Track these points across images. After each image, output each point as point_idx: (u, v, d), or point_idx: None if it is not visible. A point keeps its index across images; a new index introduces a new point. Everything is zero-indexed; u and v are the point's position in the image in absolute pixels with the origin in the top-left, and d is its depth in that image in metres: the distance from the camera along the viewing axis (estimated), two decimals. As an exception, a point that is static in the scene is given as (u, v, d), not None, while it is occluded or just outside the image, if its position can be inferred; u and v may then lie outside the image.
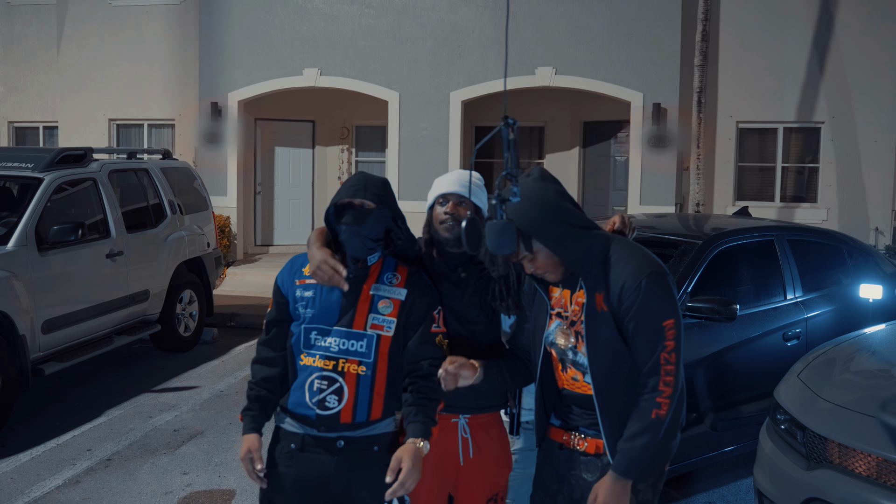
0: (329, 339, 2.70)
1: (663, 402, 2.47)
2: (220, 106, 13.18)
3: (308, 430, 2.71)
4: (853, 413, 3.48)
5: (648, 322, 2.49)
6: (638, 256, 2.56)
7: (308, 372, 2.71)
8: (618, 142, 13.79)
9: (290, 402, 2.74)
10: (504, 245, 2.56)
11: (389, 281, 2.77)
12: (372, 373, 2.70)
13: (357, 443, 2.70)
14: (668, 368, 2.47)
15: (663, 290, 2.50)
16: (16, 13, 15.35)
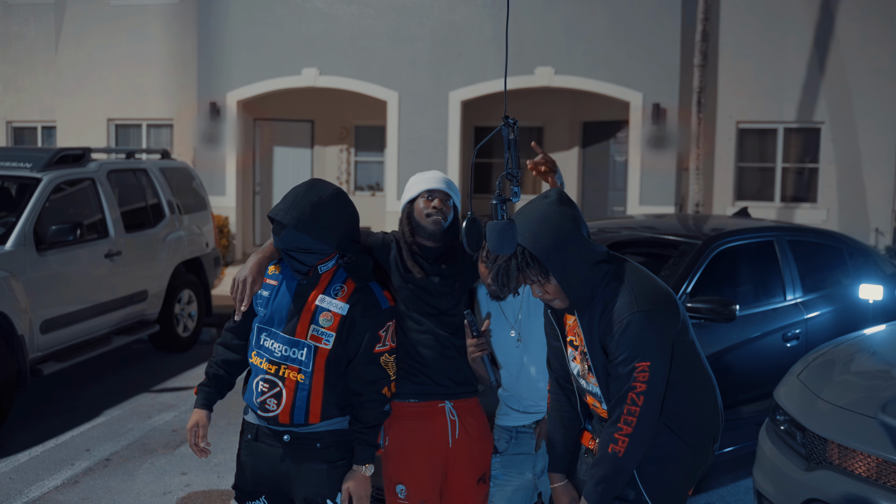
0: (275, 343, 2.80)
1: (621, 438, 2.48)
2: (219, 106, 13.17)
3: (261, 423, 2.86)
4: (853, 414, 3.47)
5: (623, 359, 2.49)
6: (634, 291, 2.52)
7: (255, 372, 2.85)
8: (617, 142, 13.79)
9: (245, 396, 2.89)
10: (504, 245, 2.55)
11: (335, 293, 2.80)
12: (309, 382, 2.77)
13: (301, 438, 2.81)
14: (632, 409, 2.46)
15: (645, 331, 2.46)
16: (14, 12, 15.34)
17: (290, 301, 2.80)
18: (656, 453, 2.56)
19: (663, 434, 2.57)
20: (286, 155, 14.77)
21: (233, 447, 5.59)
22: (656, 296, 2.54)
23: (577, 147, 14.13)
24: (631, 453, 2.49)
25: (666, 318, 2.52)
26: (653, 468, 2.58)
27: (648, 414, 2.48)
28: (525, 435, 3.27)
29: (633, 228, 5.79)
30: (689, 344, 2.62)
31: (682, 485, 2.66)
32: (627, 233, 5.57)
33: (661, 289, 2.58)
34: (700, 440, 2.63)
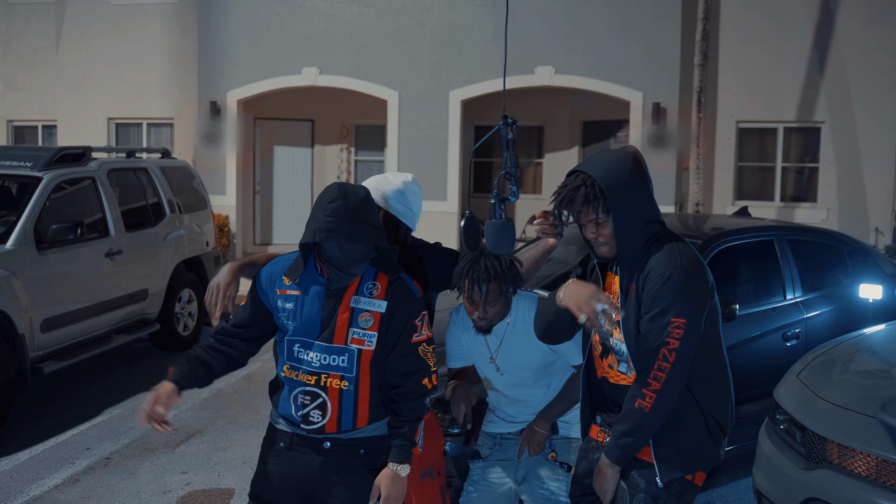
0: (311, 353, 2.66)
1: (648, 394, 2.48)
2: (220, 105, 13.17)
3: (296, 430, 2.73)
4: (852, 413, 3.47)
5: (659, 311, 2.49)
6: (677, 251, 2.54)
7: (292, 385, 2.71)
8: (617, 141, 13.79)
9: (279, 408, 2.76)
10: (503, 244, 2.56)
11: (370, 292, 2.68)
12: (355, 387, 2.67)
13: (343, 445, 2.70)
14: (663, 365, 2.47)
15: (686, 288, 2.48)
16: (14, 11, 15.34)
17: (321, 308, 2.66)
18: (672, 418, 2.56)
19: (684, 399, 2.56)
20: (286, 154, 14.77)
21: (233, 446, 5.61)
22: (698, 262, 2.58)
23: (577, 146, 14.12)
24: (657, 410, 2.49)
25: (704, 286, 2.54)
26: (667, 433, 2.57)
27: (678, 373, 2.48)
28: (509, 442, 3.31)
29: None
30: (714, 330, 2.64)
31: (692, 460, 2.61)
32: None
33: (702, 263, 2.62)
34: (715, 422, 2.63)
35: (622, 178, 2.52)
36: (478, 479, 3.31)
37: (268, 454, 2.79)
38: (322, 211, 2.54)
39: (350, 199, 2.55)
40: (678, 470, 2.59)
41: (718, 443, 2.64)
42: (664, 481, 2.58)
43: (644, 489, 2.61)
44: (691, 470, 2.60)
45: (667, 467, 2.57)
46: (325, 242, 2.55)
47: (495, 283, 2.93)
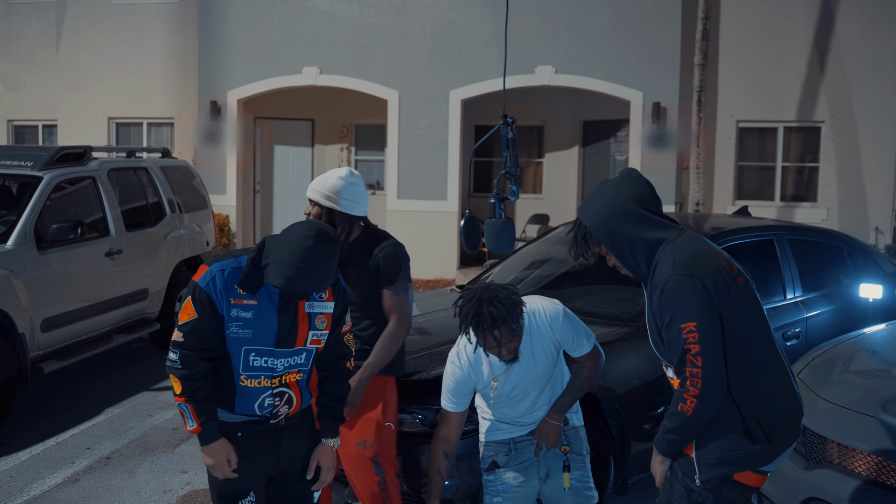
0: (272, 360, 2.80)
1: (689, 398, 2.56)
2: (220, 104, 13.17)
3: (252, 418, 2.85)
4: (853, 413, 3.47)
5: (667, 322, 2.57)
6: (675, 258, 2.60)
7: (254, 393, 2.81)
8: (617, 141, 13.78)
9: (236, 408, 2.83)
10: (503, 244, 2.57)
11: (319, 297, 2.86)
12: (308, 375, 2.95)
13: (295, 418, 2.93)
14: (693, 370, 2.53)
15: (682, 294, 2.54)
16: (15, 11, 15.34)
17: (277, 318, 2.76)
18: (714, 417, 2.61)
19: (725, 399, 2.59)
20: (286, 154, 14.77)
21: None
22: (698, 263, 2.60)
23: (577, 146, 14.12)
24: (699, 412, 2.55)
25: (706, 283, 2.56)
26: (708, 431, 2.63)
27: (712, 373, 2.52)
28: (523, 444, 3.37)
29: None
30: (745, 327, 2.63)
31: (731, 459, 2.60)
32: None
33: (708, 259, 2.63)
34: (756, 422, 2.60)
35: (604, 214, 2.67)
36: (502, 487, 3.34)
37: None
38: (295, 260, 2.57)
39: (324, 251, 2.61)
40: (716, 468, 2.62)
41: (761, 443, 2.60)
42: (701, 479, 2.63)
43: (680, 480, 2.68)
44: (730, 469, 2.62)
45: (705, 465, 2.63)
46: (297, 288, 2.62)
47: (506, 326, 2.98)
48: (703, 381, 2.52)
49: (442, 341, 4.28)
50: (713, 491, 2.62)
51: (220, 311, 2.72)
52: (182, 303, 2.77)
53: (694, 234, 2.75)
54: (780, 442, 2.64)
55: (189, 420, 2.75)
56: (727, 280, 2.61)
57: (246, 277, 2.72)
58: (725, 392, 2.57)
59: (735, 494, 2.64)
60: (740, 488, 2.64)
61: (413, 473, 3.84)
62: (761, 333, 2.66)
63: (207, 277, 2.73)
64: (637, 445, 4.29)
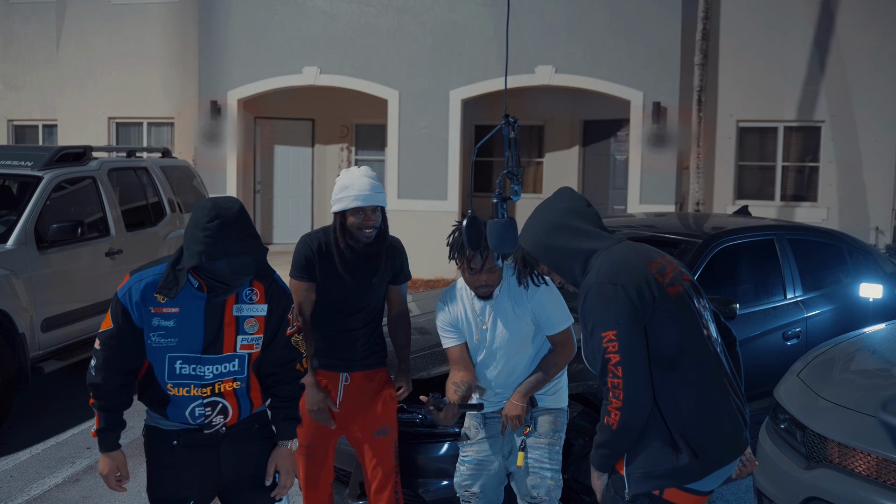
0: (200, 367, 2.69)
1: (613, 411, 2.47)
2: (220, 104, 13.17)
3: (188, 426, 2.76)
4: (853, 412, 3.47)
5: (589, 332, 2.52)
6: (600, 266, 2.55)
7: (183, 402, 2.71)
8: (618, 140, 13.79)
9: (169, 416, 2.74)
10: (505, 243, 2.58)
11: (249, 298, 2.75)
12: (247, 384, 2.80)
13: (239, 426, 2.81)
14: (615, 381, 2.45)
15: (603, 301, 2.47)
16: (15, 11, 15.34)
17: (202, 322, 2.68)
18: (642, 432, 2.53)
19: (652, 413, 2.51)
20: (287, 153, 14.77)
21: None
22: (624, 271, 2.51)
23: (577, 146, 14.12)
24: (623, 425, 2.47)
25: (629, 291, 2.47)
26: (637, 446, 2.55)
27: (633, 384, 2.44)
28: (493, 420, 3.52)
29: (634, 227, 5.79)
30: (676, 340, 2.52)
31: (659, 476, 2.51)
32: (628, 231, 5.57)
33: (635, 268, 2.54)
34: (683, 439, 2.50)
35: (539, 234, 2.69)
36: (469, 458, 3.50)
37: (160, 455, 2.79)
38: (202, 232, 2.52)
39: (228, 214, 2.56)
40: (643, 483, 2.52)
41: (688, 459, 2.48)
42: (630, 494, 2.55)
43: (612, 499, 2.61)
44: (656, 484, 2.51)
45: (633, 479, 2.54)
46: (215, 263, 2.55)
47: (490, 253, 3.22)
48: (624, 393, 2.43)
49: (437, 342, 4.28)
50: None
51: (136, 324, 2.67)
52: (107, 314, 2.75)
53: (630, 243, 2.68)
54: (712, 459, 2.51)
55: (95, 423, 2.78)
56: (654, 290, 2.49)
57: (165, 282, 2.64)
58: (650, 403, 2.47)
59: None
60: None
61: (413, 473, 3.84)
62: (692, 346, 2.53)
63: (125, 289, 2.68)
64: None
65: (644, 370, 2.45)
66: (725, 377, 2.62)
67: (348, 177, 3.39)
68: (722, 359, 2.65)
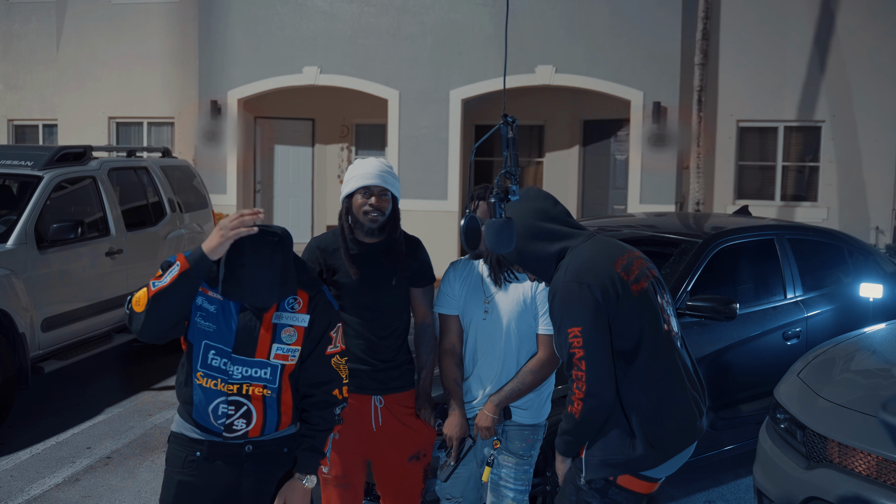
0: (229, 364, 2.61)
1: (576, 401, 2.62)
2: (220, 104, 13.17)
3: (212, 438, 2.65)
4: (853, 412, 3.47)
5: (557, 328, 2.67)
6: (567, 264, 2.69)
7: (209, 395, 2.62)
8: (618, 140, 13.78)
9: (193, 414, 2.66)
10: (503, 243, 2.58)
11: (291, 307, 2.68)
12: (278, 395, 2.67)
13: (265, 446, 2.68)
14: (578, 374, 2.60)
15: (570, 299, 2.62)
16: (15, 10, 15.34)
17: (237, 319, 2.62)
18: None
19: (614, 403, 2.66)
20: (287, 153, 14.77)
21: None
22: (590, 270, 2.66)
23: (577, 145, 14.12)
24: (586, 415, 2.62)
25: (593, 290, 2.61)
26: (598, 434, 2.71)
27: (596, 377, 2.59)
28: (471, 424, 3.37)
29: (634, 227, 5.80)
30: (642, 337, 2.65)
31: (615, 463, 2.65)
32: (628, 231, 5.57)
33: (601, 267, 2.67)
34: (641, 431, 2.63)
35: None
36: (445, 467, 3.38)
37: (181, 465, 2.68)
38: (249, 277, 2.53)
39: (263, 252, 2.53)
40: (599, 469, 2.68)
41: (643, 450, 2.63)
42: (586, 478, 2.70)
43: (571, 479, 2.77)
44: (612, 472, 2.67)
45: (590, 465, 2.69)
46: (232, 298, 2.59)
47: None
48: (587, 385, 2.59)
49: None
50: (598, 491, 2.69)
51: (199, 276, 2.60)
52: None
53: (598, 238, 2.80)
54: (667, 449, 2.67)
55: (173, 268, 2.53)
56: (618, 289, 2.64)
57: (210, 272, 2.58)
58: (612, 396, 2.62)
59: (620, 498, 2.68)
60: (625, 492, 2.68)
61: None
62: (652, 341, 2.67)
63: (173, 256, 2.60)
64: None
65: (607, 364, 2.61)
66: (684, 370, 2.76)
67: (360, 162, 3.23)
68: (682, 353, 2.80)
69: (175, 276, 2.48)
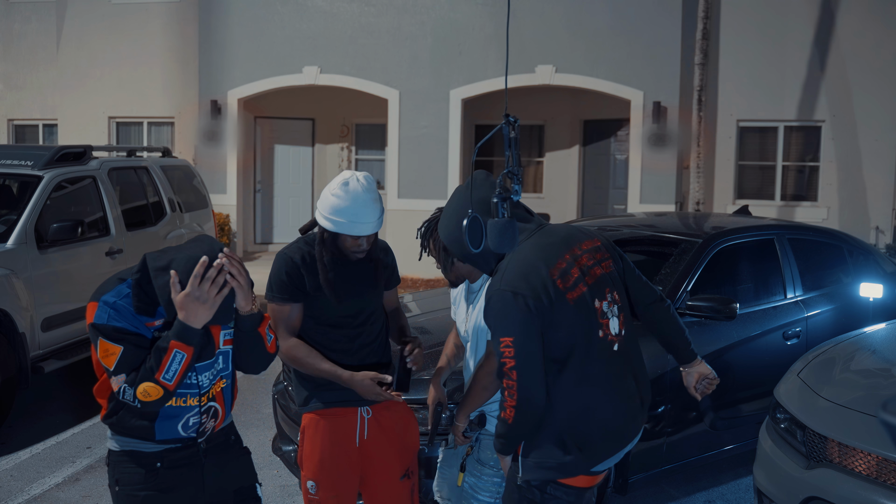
0: (197, 375, 2.59)
1: (508, 408, 2.64)
2: (220, 104, 13.17)
3: (170, 445, 2.63)
4: (853, 412, 3.47)
5: (492, 336, 2.68)
6: (507, 270, 2.66)
7: (179, 413, 2.59)
8: (618, 140, 13.78)
9: (157, 435, 2.60)
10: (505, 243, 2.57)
11: None
12: (231, 381, 2.75)
13: (216, 439, 2.73)
14: (509, 383, 2.61)
15: (504, 309, 2.61)
16: (15, 10, 15.34)
17: None
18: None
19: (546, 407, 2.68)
20: (287, 153, 14.77)
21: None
22: (525, 279, 2.62)
23: (577, 145, 14.12)
24: (517, 422, 2.64)
25: (528, 301, 2.59)
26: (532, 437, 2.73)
27: (526, 386, 2.60)
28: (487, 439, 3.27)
29: (634, 227, 5.80)
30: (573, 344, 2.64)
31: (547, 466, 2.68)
32: (628, 231, 5.57)
33: (536, 274, 2.63)
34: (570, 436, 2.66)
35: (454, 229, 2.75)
36: (440, 465, 3.37)
37: (142, 482, 2.64)
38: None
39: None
40: (535, 472, 2.70)
41: (573, 454, 2.66)
42: (522, 479, 2.73)
43: (511, 478, 2.80)
44: (545, 474, 2.70)
45: (526, 467, 2.72)
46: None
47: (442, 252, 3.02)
48: (518, 394, 2.60)
49: (442, 341, 4.28)
50: (538, 488, 2.72)
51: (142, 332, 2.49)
52: (98, 352, 2.45)
53: (540, 239, 2.73)
54: (597, 454, 2.69)
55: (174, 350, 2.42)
56: (552, 296, 2.60)
57: (140, 302, 2.46)
58: (542, 403, 2.63)
59: (559, 493, 2.70)
60: (564, 488, 2.71)
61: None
62: (583, 349, 2.66)
63: (104, 313, 2.44)
64: (637, 444, 4.29)
65: (537, 373, 2.61)
66: (619, 374, 2.76)
67: (348, 198, 2.92)
68: (621, 357, 2.78)
69: (186, 363, 2.42)
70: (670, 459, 4.53)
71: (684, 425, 4.59)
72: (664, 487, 4.95)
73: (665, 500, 4.84)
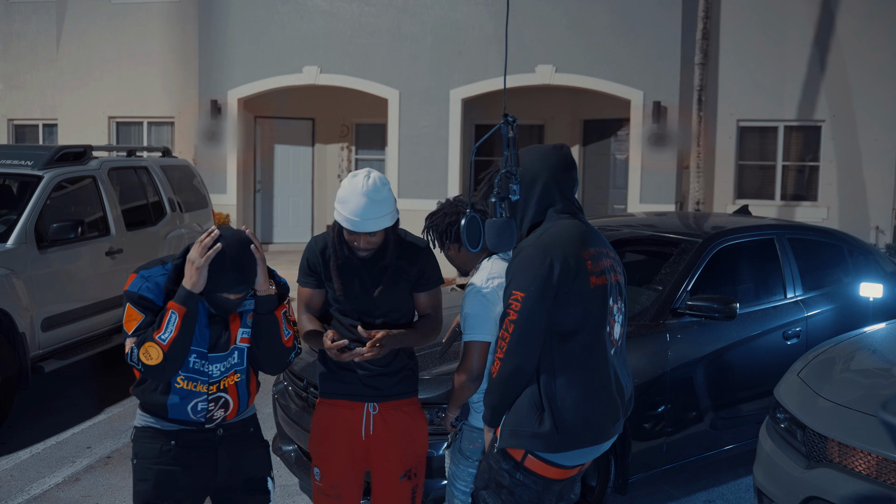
0: (209, 365, 2.76)
1: (497, 360, 2.68)
2: (220, 104, 13.17)
3: (186, 427, 2.79)
4: (853, 412, 3.47)
5: (507, 284, 2.69)
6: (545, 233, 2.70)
7: (188, 396, 2.75)
8: (618, 140, 13.78)
9: (169, 413, 2.76)
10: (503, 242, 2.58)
11: (251, 296, 2.80)
12: (246, 376, 2.87)
13: (234, 428, 2.87)
14: (504, 335, 2.64)
15: (528, 263, 2.63)
16: (15, 10, 15.34)
17: (207, 319, 2.74)
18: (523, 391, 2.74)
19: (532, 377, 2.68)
20: (287, 153, 14.77)
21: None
22: (558, 244, 2.65)
23: (577, 145, 14.12)
24: (502, 375, 2.65)
25: (553, 264, 2.61)
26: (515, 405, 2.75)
27: (518, 346, 2.61)
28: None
29: (634, 226, 5.80)
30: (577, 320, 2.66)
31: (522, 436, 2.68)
32: (628, 231, 5.57)
33: (568, 244, 2.67)
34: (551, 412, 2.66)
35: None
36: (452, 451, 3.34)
37: (157, 456, 2.76)
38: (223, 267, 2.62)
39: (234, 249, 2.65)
40: (510, 440, 2.71)
41: (548, 428, 2.65)
42: (499, 447, 2.74)
43: (488, 456, 2.82)
44: (521, 445, 2.69)
45: (503, 434, 2.73)
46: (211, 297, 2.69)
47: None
48: (508, 348, 2.62)
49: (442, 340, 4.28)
50: (507, 472, 2.73)
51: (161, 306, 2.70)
52: (124, 317, 2.68)
53: (580, 223, 2.79)
54: (571, 439, 2.68)
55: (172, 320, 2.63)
56: (579, 269, 2.65)
57: (173, 284, 2.69)
58: (531, 368, 2.64)
59: (528, 480, 2.71)
60: (533, 476, 2.71)
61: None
62: (590, 333, 2.69)
63: (137, 284, 2.69)
64: (637, 444, 4.30)
65: (535, 337, 2.62)
66: (611, 375, 2.77)
67: (350, 188, 2.93)
68: (615, 362, 2.80)
69: (178, 323, 2.61)
70: (670, 459, 4.53)
71: (684, 425, 4.59)
72: (664, 487, 4.95)
73: (665, 500, 4.84)
